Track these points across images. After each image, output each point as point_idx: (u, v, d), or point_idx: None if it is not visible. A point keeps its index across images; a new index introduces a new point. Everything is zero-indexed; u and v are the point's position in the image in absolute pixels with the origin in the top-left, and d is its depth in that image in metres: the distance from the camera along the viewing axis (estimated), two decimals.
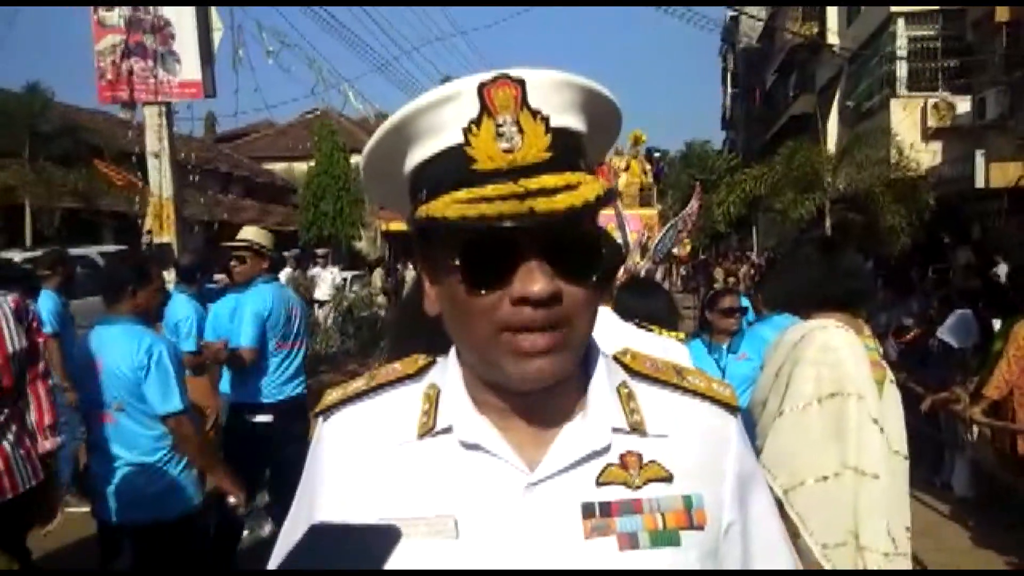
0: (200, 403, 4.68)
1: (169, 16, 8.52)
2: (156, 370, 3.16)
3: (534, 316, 0.77)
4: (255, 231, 4.69)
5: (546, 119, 0.79)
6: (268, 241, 4.57)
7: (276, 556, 0.96)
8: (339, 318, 13.09)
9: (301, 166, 28.45)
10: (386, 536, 0.84)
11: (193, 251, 7.62)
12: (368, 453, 0.89)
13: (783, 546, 0.96)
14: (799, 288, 2.65)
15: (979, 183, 13.57)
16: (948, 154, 16.58)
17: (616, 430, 0.86)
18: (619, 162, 17.73)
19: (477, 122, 0.78)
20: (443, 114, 0.80)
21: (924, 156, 16.47)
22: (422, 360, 0.95)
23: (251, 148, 33.75)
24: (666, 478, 0.85)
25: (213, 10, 8.76)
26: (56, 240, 13.95)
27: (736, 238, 36.68)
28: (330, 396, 0.96)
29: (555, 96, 0.80)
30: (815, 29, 24.80)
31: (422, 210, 0.80)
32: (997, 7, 14.50)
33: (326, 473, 0.92)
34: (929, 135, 17.18)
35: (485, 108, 0.78)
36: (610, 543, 0.81)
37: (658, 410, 0.90)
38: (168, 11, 8.52)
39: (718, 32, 41.87)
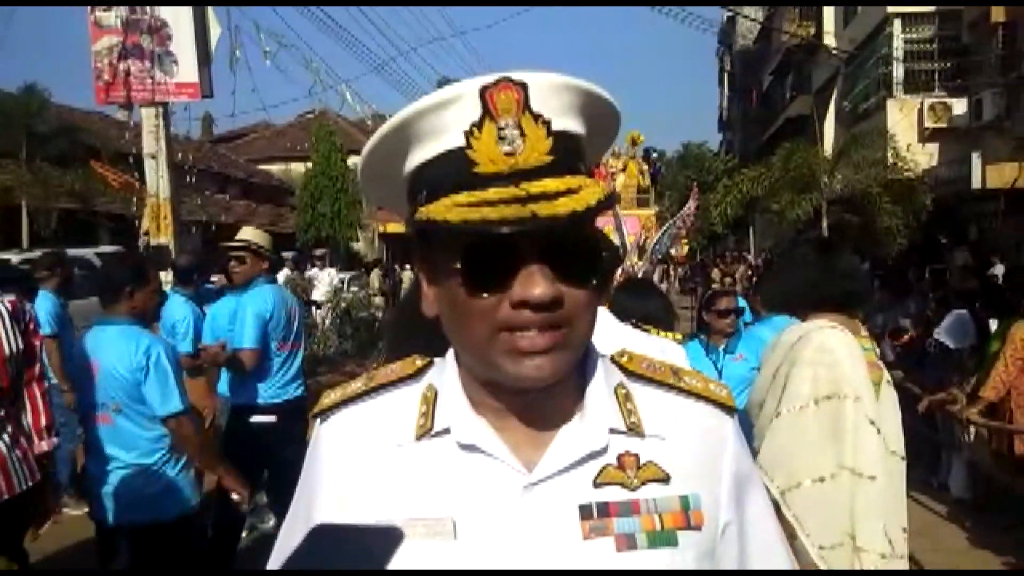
0: (197, 404, 4.66)
1: (166, 17, 8.50)
2: (155, 371, 3.15)
3: (534, 318, 0.78)
4: (254, 232, 4.67)
5: (548, 122, 0.79)
6: (267, 242, 4.56)
7: (275, 557, 0.96)
8: (337, 319, 13.09)
9: (299, 167, 28.46)
10: (385, 537, 0.84)
11: (190, 252, 7.61)
12: (366, 454, 0.89)
13: (780, 547, 0.96)
14: (796, 289, 2.66)
15: (975, 184, 13.60)
16: (945, 155, 16.62)
17: (613, 431, 0.87)
18: (616, 163, 17.75)
19: (479, 125, 0.78)
20: (444, 116, 0.80)
21: (921, 157, 16.50)
22: (420, 361, 0.95)
23: (248, 149, 33.75)
24: (663, 479, 0.86)
25: (210, 11, 8.74)
26: (53, 241, 13.97)
27: (733, 239, 36.73)
28: (328, 398, 0.96)
29: (556, 99, 0.80)
30: (812, 30, 24.85)
31: (422, 212, 0.80)
32: (993, 8, 14.54)
33: (324, 475, 0.92)
34: (926, 136, 17.23)
35: (487, 111, 0.78)
36: (608, 544, 0.82)
37: (655, 411, 0.90)
38: (165, 12, 8.50)
39: (715, 33, 41.94)
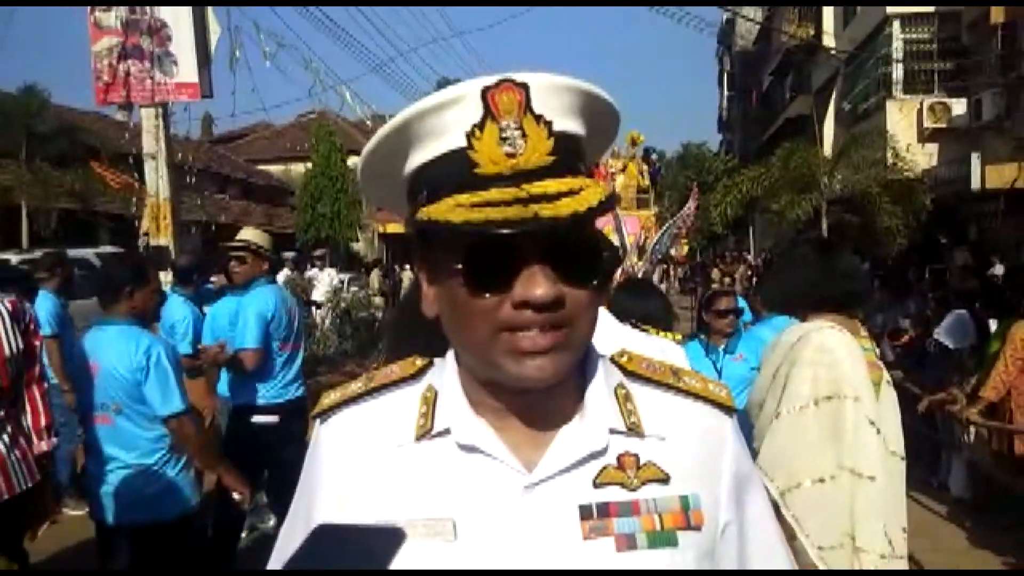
0: (196, 404, 4.66)
1: (166, 18, 8.49)
2: (155, 371, 3.15)
3: (535, 319, 0.78)
4: (254, 232, 4.68)
5: (549, 123, 0.79)
6: (267, 243, 4.57)
7: (275, 558, 0.96)
8: (337, 319, 13.09)
9: (298, 167, 28.43)
10: (385, 537, 0.84)
11: (190, 252, 7.62)
12: (366, 455, 0.89)
13: (780, 547, 0.96)
14: (796, 289, 2.66)
15: (975, 184, 13.60)
16: (944, 156, 16.63)
17: (613, 431, 0.87)
18: (616, 164, 17.74)
19: (480, 126, 0.78)
20: (446, 117, 0.80)
21: (920, 158, 16.51)
22: (420, 362, 0.95)
23: (248, 149, 33.73)
24: (663, 479, 0.86)
25: (210, 11, 8.74)
26: (52, 241, 13.96)
27: (733, 239, 36.73)
28: (328, 398, 0.96)
29: (557, 100, 0.80)
30: (811, 31, 24.84)
31: (423, 213, 0.80)
32: (992, 9, 14.54)
33: (324, 475, 0.92)
34: (925, 137, 17.23)
35: (489, 112, 0.78)
36: (608, 544, 0.82)
37: (655, 411, 0.90)
38: (165, 13, 8.49)
39: (714, 34, 41.92)
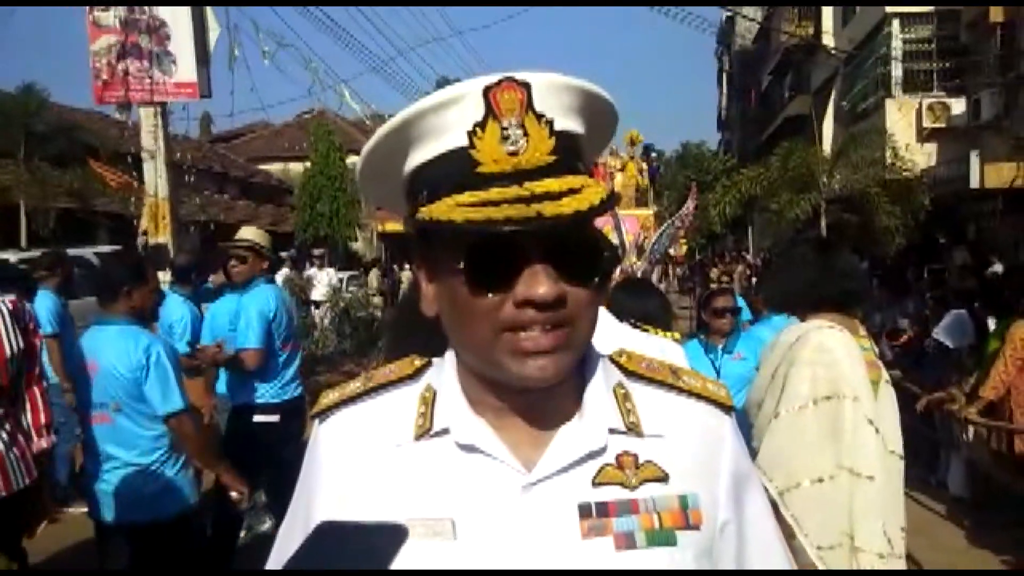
0: (194, 403, 4.67)
1: (165, 17, 8.49)
2: (155, 370, 3.15)
3: (537, 318, 0.78)
4: (254, 231, 4.68)
5: (550, 122, 0.79)
6: (267, 242, 4.58)
7: (274, 558, 0.96)
8: (336, 318, 13.09)
9: (297, 166, 28.42)
10: (384, 537, 0.84)
11: (189, 251, 7.61)
12: (365, 455, 0.89)
13: (778, 546, 0.96)
14: (795, 289, 2.66)
15: (974, 184, 13.59)
16: (943, 155, 16.62)
17: (612, 431, 0.87)
18: (615, 163, 17.73)
19: (482, 125, 0.78)
20: (447, 116, 0.80)
21: (919, 157, 16.50)
22: (418, 362, 0.95)
23: (247, 149, 33.69)
24: (662, 478, 0.86)
25: (209, 10, 8.73)
26: (51, 240, 13.95)
27: (732, 238, 36.73)
28: (327, 398, 0.96)
29: (558, 99, 0.81)
30: (810, 30, 24.84)
31: (424, 212, 0.80)
32: (991, 8, 14.54)
33: (323, 475, 0.92)
34: (924, 136, 17.23)
35: (490, 111, 0.78)
36: (607, 543, 0.82)
37: (654, 410, 0.90)
38: (164, 12, 8.49)
39: (713, 33, 41.89)
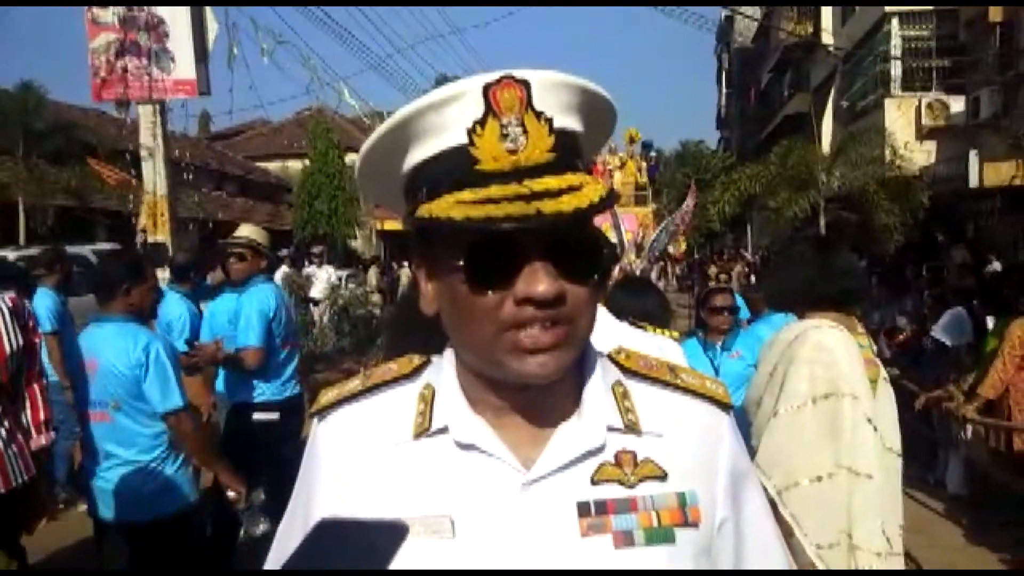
0: (193, 401, 4.67)
1: (163, 14, 8.49)
2: (155, 368, 3.15)
3: (537, 315, 0.78)
4: (253, 229, 4.67)
5: (549, 120, 0.79)
6: (265, 240, 4.57)
7: (273, 557, 0.96)
8: (335, 316, 13.08)
9: (296, 164, 28.37)
10: (384, 535, 0.84)
11: (188, 249, 7.61)
12: (364, 453, 0.89)
13: (776, 545, 0.96)
14: (794, 287, 2.66)
15: (973, 182, 13.59)
16: (942, 153, 16.62)
17: (611, 429, 0.87)
18: (614, 160, 17.75)
19: (482, 122, 0.78)
20: (446, 114, 0.80)
21: (918, 155, 16.49)
22: (417, 360, 0.95)
23: (246, 146, 33.66)
24: (661, 476, 0.86)
25: (208, 8, 8.73)
26: (49, 238, 13.92)
27: (731, 237, 36.75)
28: (325, 396, 0.96)
29: (557, 97, 0.81)
30: (810, 29, 24.82)
31: (423, 209, 0.81)
32: (990, 7, 14.54)
33: (322, 473, 0.92)
34: (923, 134, 17.22)
35: (490, 108, 0.78)
36: (606, 541, 0.82)
37: (652, 408, 0.91)
38: (162, 9, 8.48)
39: (713, 32, 41.87)
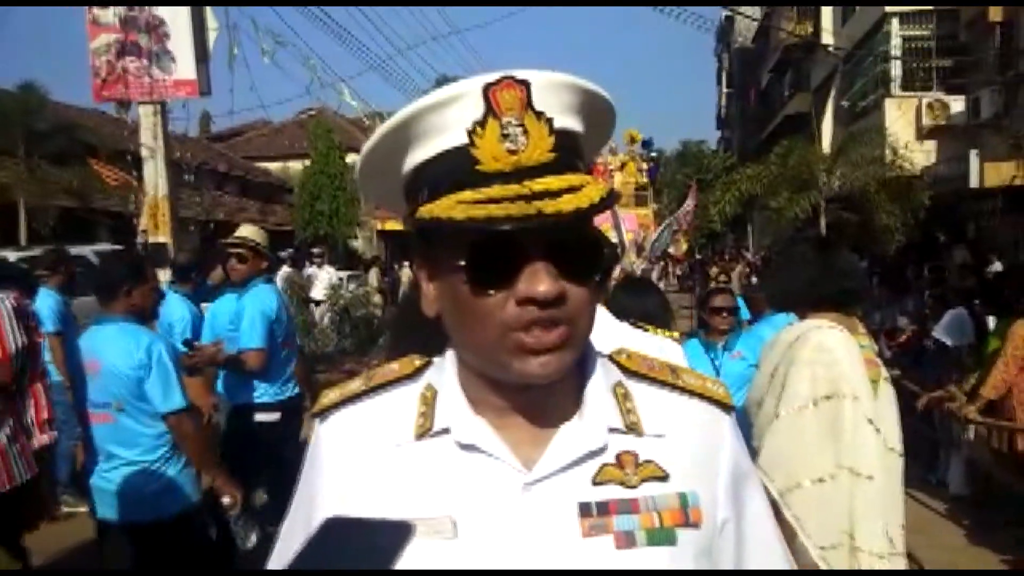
0: (193, 402, 4.67)
1: (164, 15, 8.51)
2: (157, 368, 3.16)
3: (538, 315, 0.78)
4: (254, 230, 4.68)
5: (550, 121, 0.79)
6: (266, 240, 4.58)
7: (275, 558, 0.96)
8: (335, 317, 13.09)
9: (297, 165, 28.37)
10: (385, 536, 0.84)
11: (189, 250, 7.61)
12: (366, 454, 0.89)
13: (777, 546, 0.96)
14: (794, 287, 2.66)
15: (973, 182, 13.57)
16: (942, 153, 16.60)
17: (612, 430, 0.87)
18: (614, 161, 17.76)
19: (482, 123, 0.78)
20: (447, 115, 0.80)
21: (919, 155, 16.47)
22: (418, 361, 0.95)
23: (246, 147, 33.65)
24: (662, 477, 0.86)
25: (208, 9, 8.75)
26: (51, 239, 13.92)
27: (732, 237, 36.74)
28: (327, 397, 0.96)
29: (557, 97, 0.81)
30: (810, 29, 24.82)
31: (424, 210, 0.81)
32: (991, 7, 14.53)
33: (324, 474, 0.92)
34: (923, 134, 17.20)
35: (490, 109, 0.78)
36: (607, 542, 0.82)
37: (654, 409, 0.91)
38: (163, 10, 8.50)
39: (713, 32, 41.87)
